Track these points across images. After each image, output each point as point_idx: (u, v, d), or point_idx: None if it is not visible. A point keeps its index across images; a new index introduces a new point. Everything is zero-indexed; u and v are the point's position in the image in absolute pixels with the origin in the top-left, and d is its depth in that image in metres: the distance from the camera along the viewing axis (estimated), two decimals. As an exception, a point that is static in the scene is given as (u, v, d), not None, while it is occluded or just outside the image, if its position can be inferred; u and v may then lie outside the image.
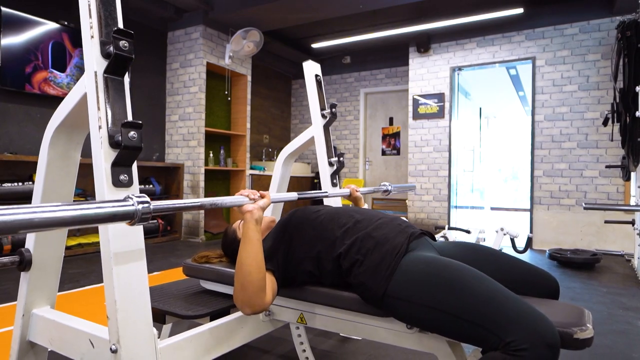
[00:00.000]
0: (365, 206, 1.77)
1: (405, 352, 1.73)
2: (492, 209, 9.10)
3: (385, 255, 1.07)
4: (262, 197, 1.14)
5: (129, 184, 0.95)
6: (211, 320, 1.25)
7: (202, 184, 4.66)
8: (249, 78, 5.17)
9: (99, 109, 0.94)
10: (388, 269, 1.05)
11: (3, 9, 3.31)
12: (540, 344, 0.80)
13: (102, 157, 0.92)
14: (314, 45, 5.76)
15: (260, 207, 1.12)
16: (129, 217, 0.77)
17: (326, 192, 1.59)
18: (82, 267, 3.23)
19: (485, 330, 0.86)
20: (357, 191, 1.74)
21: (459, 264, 0.99)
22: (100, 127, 0.93)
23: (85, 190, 3.78)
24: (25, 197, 3.28)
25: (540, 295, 1.15)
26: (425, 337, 1.07)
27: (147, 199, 0.80)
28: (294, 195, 1.34)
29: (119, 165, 0.94)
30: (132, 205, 0.77)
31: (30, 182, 3.33)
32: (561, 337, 0.86)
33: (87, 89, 0.98)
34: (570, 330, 0.89)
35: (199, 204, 0.98)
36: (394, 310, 1.03)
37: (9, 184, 3.22)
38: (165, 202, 0.88)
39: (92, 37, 0.96)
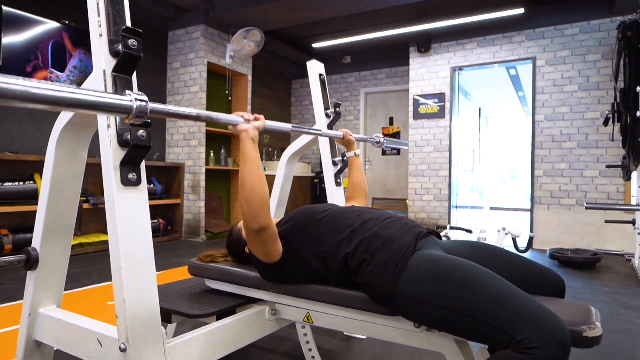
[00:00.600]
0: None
1: (410, 352, 1.73)
2: (492, 209, 9.11)
3: (394, 254, 1.07)
4: (256, 120, 1.16)
5: (137, 182, 0.95)
6: (217, 319, 1.25)
7: (203, 183, 4.66)
8: (250, 78, 5.17)
9: (107, 107, 0.94)
10: (396, 268, 1.05)
11: (4, 8, 3.30)
12: (551, 342, 0.80)
13: (111, 156, 0.92)
14: (315, 45, 5.76)
15: (255, 127, 1.14)
16: (126, 112, 0.78)
17: (320, 130, 1.57)
18: (84, 266, 3.22)
19: (496, 328, 0.86)
20: (350, 135, 1.75)
21: (468, 263, 0.99)
22: (109, 126, 0.93)
23: (86, 190, 3.78)
24: (26, 197, 3.27)
25: (547, 294, 1.15)
26: (433, 336, 1.07)
27: (146, 98, 0.82)
28: (288, 126, 1.36)
29: (128, 164, 0.94)
30: (131, 101, 0.78)
31: (32, 182, 3.32)
32: (571, 335, 0.86)
33: (95, 87, 0.98)
34: (579, 328, 0.89)
35: (195, 114, 0.98)
36: (403, 309, 1.03)
37: (10, 184, 3.21)
38: (162, 105, 0.89)
39: (100, 35, 0.96)
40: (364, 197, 1.64)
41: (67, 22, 3.72)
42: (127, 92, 0.81)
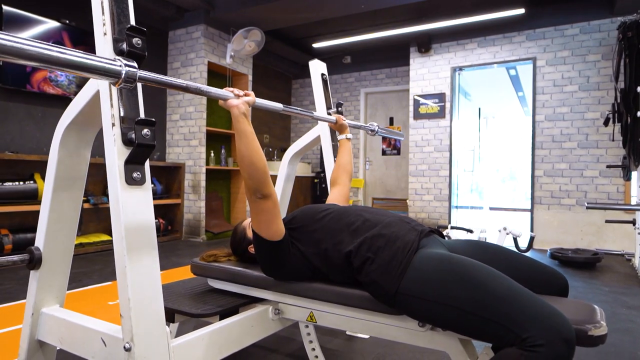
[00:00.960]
0: (361, 202, 1.77)
1: (413, 351, 1.73)
2: (491, 209, 9.12)
3: (397, 253, 1.07)
4: (246, 95, 1.17)
5: (142, 181, 0.95)
6: (220, 319, 1.25)
7: (203, 183, 4.65)
8: (250, 77, 5.17)
9: (112, 106, 0.94)
10: (400, 266, 1.05)
11: (4, 7, 3.29)
12: (557, 339, 0.80)
13: (116, 155, 0.91)
14: (315, 45, 5.76)
15: (245, 102, 1.15)
16: (115, 75, 0.79)
17: (312, 112, 1.58)
18: (84, 266, 3.22)
19: (501, 326, 0.86)
20: (343, 119, 1.77)
21: (472, 261, 0.99)
22: (113, 125, 0.93)
23: (86, 189, 3.77)
24: (26, 197, 3.26)
25: (550, 293, 1.15)
26: (437, 334, 1.07)
27: (135, 64, 0.83)
28: (279, 105, 1.35)
29: (132, 163, 0.94)
30: (120, 66, 0.80)
31: (32, 181, 3.31)
32: (576, 334, 0.86)
33: (99, 86, 0.98)
34: (584, 327, 0.89)
35: (184, 85, 0.99)
36: (407, 308, 1.03)
37: (10, 183, 3.20)
38: (151, 73, 0.90)
39: (104, 34, 0.95)
40: (347, 179, 1.68)
41: (67, 22, 3.72)
42: (117, 57, 0.83)
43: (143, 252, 0.92)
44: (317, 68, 2.01)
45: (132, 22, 0.99)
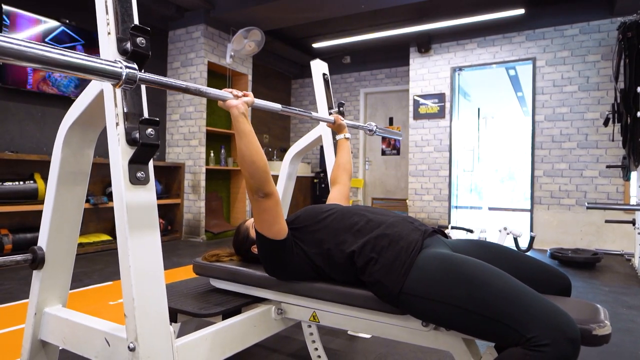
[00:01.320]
0: (360, 201, 1.77)
1: (414, 350, 1.74)
2: (490, 209, 9.13)
3: (400, 253, 1.07)
4: (245, 96, 1.19)
5: (145, 181, 0.95)
6: (223, 319, 1.25)
7: (203, 183, 4.65)
8: (250, 77, 5.17)
9: (116, 105, 0.93)
10: (403, 266, 1.05)
11: (4, 6, 3.29)
12: (562, 339, 0.80)
13: (120, 154, 0.91)
14: (315, 45, 5.76)
15: (244, 102, 1.16)
16: (116, 77, 0.80)
17: (310, 112, 1.58)
18: (85, 266, 3.21)
19: (506, 326, 0.86)
20: (341, 119, 1.78)
21: (475, 261, 0.99)
22: (117, 124, 0.93)
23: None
24: (26, 196, 3.26)
25: (552, 293, 1.15)
26: (440, 334, 1.07)
27: (136, 66, 0.84)
28: (277, 106, 1.36)
29: (136, 163, 0.93)
30: (120, 67, 0.80)
31: (32, 181, 3.30)
32: (580, 333, 0.86)
33: (103, 85, 0.98)
34: (588, 327, 0.89)
35: (184, 86, 1.00)
36: (411, 308, 1.03)
37: (10, 183, 3.19)
38: (152, 75, 0.90)
39: (108, 33, 0.95)
40: (347, 178, 1.69)
41: (66, 21, 3.71)
42: (117, 59, 0.84)
43: (147, 252, 0.92)
44: (318, 68, 2.01)
45: (136, 21, 0.99)
